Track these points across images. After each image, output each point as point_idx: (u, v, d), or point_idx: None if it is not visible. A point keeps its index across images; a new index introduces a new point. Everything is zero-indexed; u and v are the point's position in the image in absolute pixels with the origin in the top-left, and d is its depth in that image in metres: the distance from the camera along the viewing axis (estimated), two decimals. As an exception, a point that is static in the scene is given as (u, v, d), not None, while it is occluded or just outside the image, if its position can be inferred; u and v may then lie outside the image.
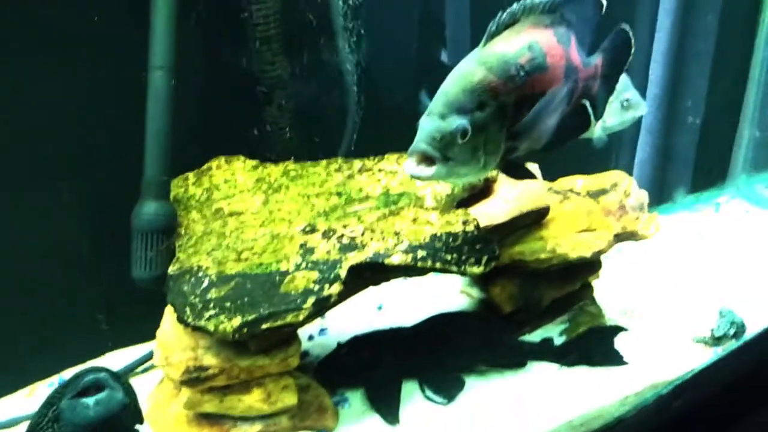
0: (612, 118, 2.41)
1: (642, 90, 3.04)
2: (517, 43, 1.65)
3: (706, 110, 3.07)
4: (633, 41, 1.92)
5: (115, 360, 2.16)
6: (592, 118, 1.93)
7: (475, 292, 2.34)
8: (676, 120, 3.13)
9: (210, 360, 1.68)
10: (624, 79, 2.30)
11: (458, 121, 1.54)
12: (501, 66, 1.60)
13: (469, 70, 1.60)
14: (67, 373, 2.11)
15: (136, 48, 1.93)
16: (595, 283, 2.32)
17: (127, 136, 1.95)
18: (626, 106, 2.42)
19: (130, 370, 2.12)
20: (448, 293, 2.41)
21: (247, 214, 2.01)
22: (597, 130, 2.36)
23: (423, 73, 2.70)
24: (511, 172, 1.80)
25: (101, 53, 2.05)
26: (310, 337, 2.25)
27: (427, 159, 1.54)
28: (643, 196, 2.38)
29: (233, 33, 2.23)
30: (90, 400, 1.48)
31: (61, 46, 2.01)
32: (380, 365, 2.01)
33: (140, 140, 1.94)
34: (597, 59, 1.89)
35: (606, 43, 1.91)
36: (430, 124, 1.55)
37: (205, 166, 2.21)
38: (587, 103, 1.89)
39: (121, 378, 1.59)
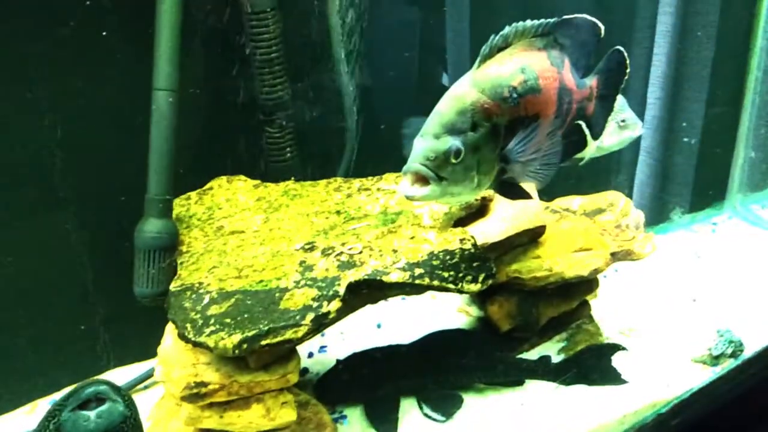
0: (608, 139, 2.44)
1: (640, 112, 3.08)
2: (510, 66, 1.68)
3: (703, 131, 3.09)
4: (628, 62, 1.95)
5: (117, 377, 2.18)
6: (589, 138, 1.95)
7: (473, 310, 2.35)
8: (674, 141, 3.15)
9: (210, 376, 1.69)
10: (620, 100, 2.33)
11: (452, 141, 1.56)
12: (494, 88, 1.64)
13: (463, 92, 1.63)
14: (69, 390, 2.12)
15: (141, 69, 1.98)
16: (593, 302, 2.34)
17: (131, 155, 1.99)
18: (622, 126, 2.45)
19: (132, 386, 2.13)
20: (447, 311, 2.42)
21: (248, 232, 2.03)
22: (591, 150, 2.38)
23: (422, 94, 2.74)
24: (506, 192, 1.82)
25: (107, 74, 2.11)
26: (310, 355, 2.26)
27: (421, 179, 1.57)
28: (639, 216, 2.40)
29: (236, 55, 2.27)
30: (91, 413, 1.48)
31: (64, 67, 2.06)
32: (379, 382, 2.02)
33: (144, 159, 1.97)
34: (592, 81, 1.91)
35: (601, 65, 1.94)
36: (423, 144, 1.57)
37: (206, 186, 2.24)
38: (582, 124, 1.92)
39: (123, 391, 1.59)
